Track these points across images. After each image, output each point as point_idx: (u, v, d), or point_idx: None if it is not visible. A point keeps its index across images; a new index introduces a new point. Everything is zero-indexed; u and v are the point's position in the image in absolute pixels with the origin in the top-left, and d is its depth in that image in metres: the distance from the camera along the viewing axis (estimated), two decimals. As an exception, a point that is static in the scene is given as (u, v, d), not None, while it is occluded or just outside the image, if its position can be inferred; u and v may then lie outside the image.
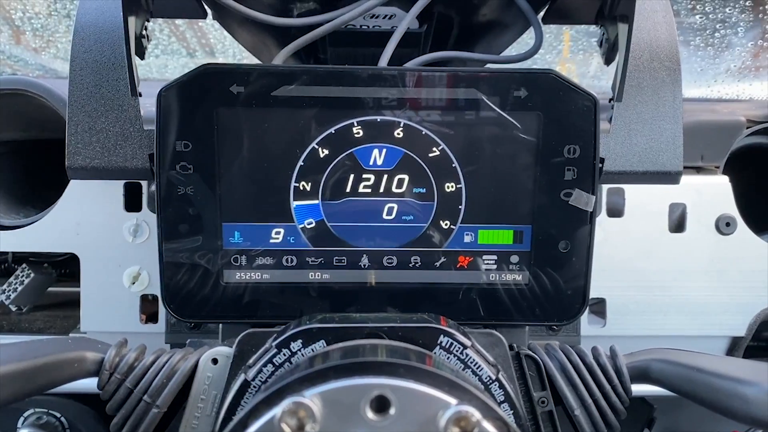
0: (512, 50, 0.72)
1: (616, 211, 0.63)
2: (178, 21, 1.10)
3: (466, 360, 0.40)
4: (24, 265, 0.71)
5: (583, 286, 0.51)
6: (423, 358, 0.35)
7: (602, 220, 0.62)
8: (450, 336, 0.40)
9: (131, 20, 0.51)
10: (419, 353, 0.37)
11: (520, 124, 0.49)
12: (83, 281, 0.61)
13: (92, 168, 0.52)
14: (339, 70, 0.48)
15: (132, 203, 0.60)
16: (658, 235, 0.63)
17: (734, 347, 0.66)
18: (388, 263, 0.51)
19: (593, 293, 0.64)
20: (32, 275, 0.71)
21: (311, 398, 0.28)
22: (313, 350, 0.39)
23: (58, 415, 0.65)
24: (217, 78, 0.48)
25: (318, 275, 0.51)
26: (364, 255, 0.51)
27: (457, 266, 0.51)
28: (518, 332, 0.54)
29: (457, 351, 0.40)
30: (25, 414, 0.65)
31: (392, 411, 0.28)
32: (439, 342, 0.40)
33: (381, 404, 0.29)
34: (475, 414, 0.27)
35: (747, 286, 0.64)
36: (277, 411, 0.27)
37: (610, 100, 0.56)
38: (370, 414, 0.28)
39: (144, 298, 0.63)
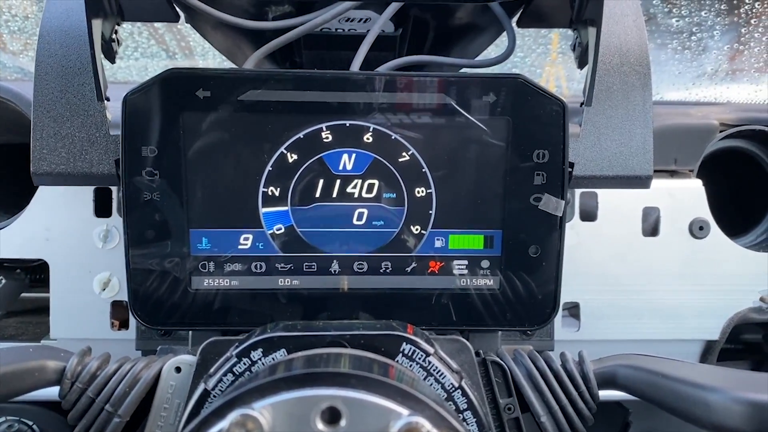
0: (491, 53, 0.72)
1: (589, 215, 0.63)
2: (157, 24, 1.10)
3: (428, 368, 0.40)
4: (-5, 271, 0.70)
5: (553, 290, 0.51)
6: (382, 368, 0.35)
7: (576, 224, 0.62)
8: (412, 343, 0.40)
9: (97, 23, 0.51)
10: (378, 362, 0.37)
11: (489, 129, 0.49)
12: (53, 287, 0.60)
13: (57, 174, 0.51)
14: (307, 75, 0.48)
15: (102, 209, 0.60)
16: (631, 239, 0.63)
17: (708, 351, 0.66)
18: (358, 269, 0.51)
19: (567, 297, 0.64)
20: (3, 281, 0.70)
21: (260, 410, 0.27)
22: (273, 359, 0.39)
23: (30, 423, 0.64)
24: (183, 82, 0.47)
25: (288, 281, 0.51)
26: (335, 261, 0.51)
27: (428, 271, 0.51)
28: (491, 337, 0.54)
29: (419, 359, 0.40)
30: (-4, 422, 0.64)
31: (343, 422, 0.28)
32: (401, 350, 0.40)
33: (332, 416, 0.28)
34: (426, 425, 0.27)
35: (720, 289, 0.64)
36: (225, 423, 0.27)
37: (581, 104, 0.55)
38: (320, 426, 0.28)
39: (117, 305, 0.62)
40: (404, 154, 0.49)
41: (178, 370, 0.43)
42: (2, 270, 0.71)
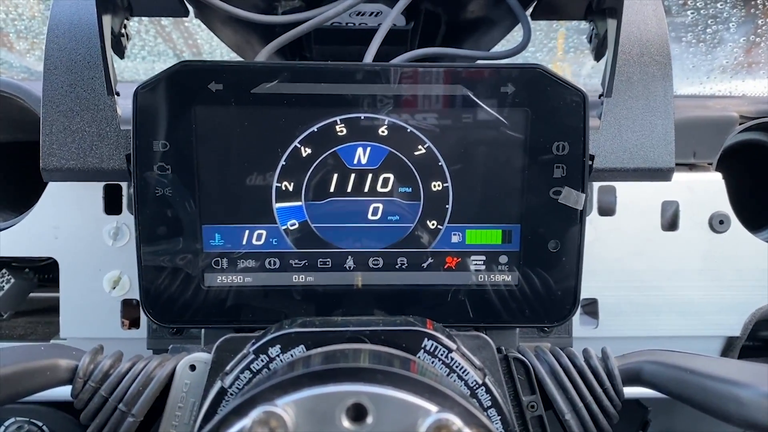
0: (502, 47, 0.71)
1: (607, 210, 0.62)
2: (164, 21, 1.09)
3: (451, 364, 0.39)
4: (4, 270, 0.69)
5: (573, 286, 0.50)
6: (404, 363, 0.34)
7: (594, 219, 0.61)
8: (435, 339, 0.39)
9: (107, 18, 0.50)
10: (401, 358, 0.35)
11: (508, 121, 0.48)
12: (62, 286, 0.59)
13: (68, 169, 0.50)
14: (320, 67, 0.47)
15: (112, 206, 0.59)
16: (650, 234, 0.62)
17: (729, 347, 0.64)
18: (374, 265, 0.50)
19: (585, 294, 0.62)
20: (12, 281, 0.69)
21: (284, 407, 0.26)
22: (292, 355, 0.38)
23: (40, 423, 0.63)
24: (195, 75, 0.46)
25: (302, 278, 0.50)
26: (349, 256, 0.50)
27: (445, 267, 0.50)
28: (508, 334, 0.52)
29: (442, 355, 0.39)
30: (6, 423, 0.63)
31: (369, 420, 0.27)
32: (423, 346, 0.39)
33: (358, 412, 0.27)
34: (456, 422, 0.26)
35: (741, 285, 0.63)
36: (247, 421, 0.26)
37: (600, 95, 0.54)
38: (346, 423, 0.27)
39: (128, 303, 0.61)
40: (420, 147, 0.48)
41: (192, 368, 0.42)
42: (11, 270, 0.70)
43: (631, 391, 0.45)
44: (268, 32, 0.61)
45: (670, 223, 0.63)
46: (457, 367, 0.39)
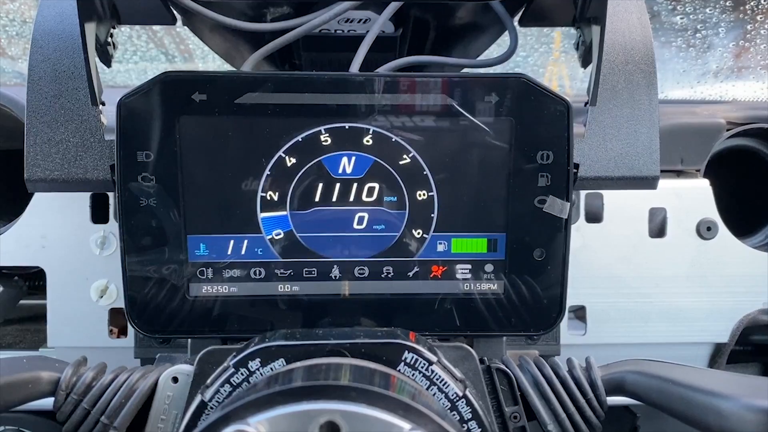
0: (493, 53, 0.71)
1: (595, 217, 0.62)
2: (156, 27, 1.09)
3: (431, 377, 0.39)
4: (-7, 279, 0.69)
5: (559, 294, 0.50)
6: (382, 379, 0.34)
7: (581, 226, 0.61)
8: (415, 352, 0.39)
9: (90, 26, 0.50)
10: (379, 373, 0.35)
11: (492, 130, 0.48)
12: (50, 295, 0.60)
13: (52, 180, 0.50)
14: (305, 77, 0.47)
15: (99, 215, 0.59)
16: (638, 241, 0.62)
17: (717, 354, 0.65)
18: (359, 274, 0.50)
19: (573, 300, 0.63)
20: (1, 289, 0.69)
21: (256, 425, 0.26)
22: (272, 369, 0.38)
23: (29, 432, 0.63)
24: (179, 86, 0.46)
25: (287, 287, 0.50)
26: (335, 266, 0.50)
27: (431, 276, 0.50)
28: (495, 343, 0.52)
29: (422, 367, 0.39)
30: (-5, 432, 0.63)
31: (342, 437, 0.27)
32: (403, 358, 0.39)
33: (331, 430, 0.27)
34: (429, 439, 0.26)
35: (729, 291, 0.63)
36: (219, 440, 0.26)
37: (585, 104, 0.54)
38: (319, 441, 0.27)
39: (116, 312, 0.61)
40: (405, 156, 0.48)
41: (175, 380, 0.42)
42: (0, 277, 0.70)
43: (619, 399, 0.45)
44: (256, 39, 0.61)
45: (658, 229, 0.63)
46: (437, 379, 0.39)
